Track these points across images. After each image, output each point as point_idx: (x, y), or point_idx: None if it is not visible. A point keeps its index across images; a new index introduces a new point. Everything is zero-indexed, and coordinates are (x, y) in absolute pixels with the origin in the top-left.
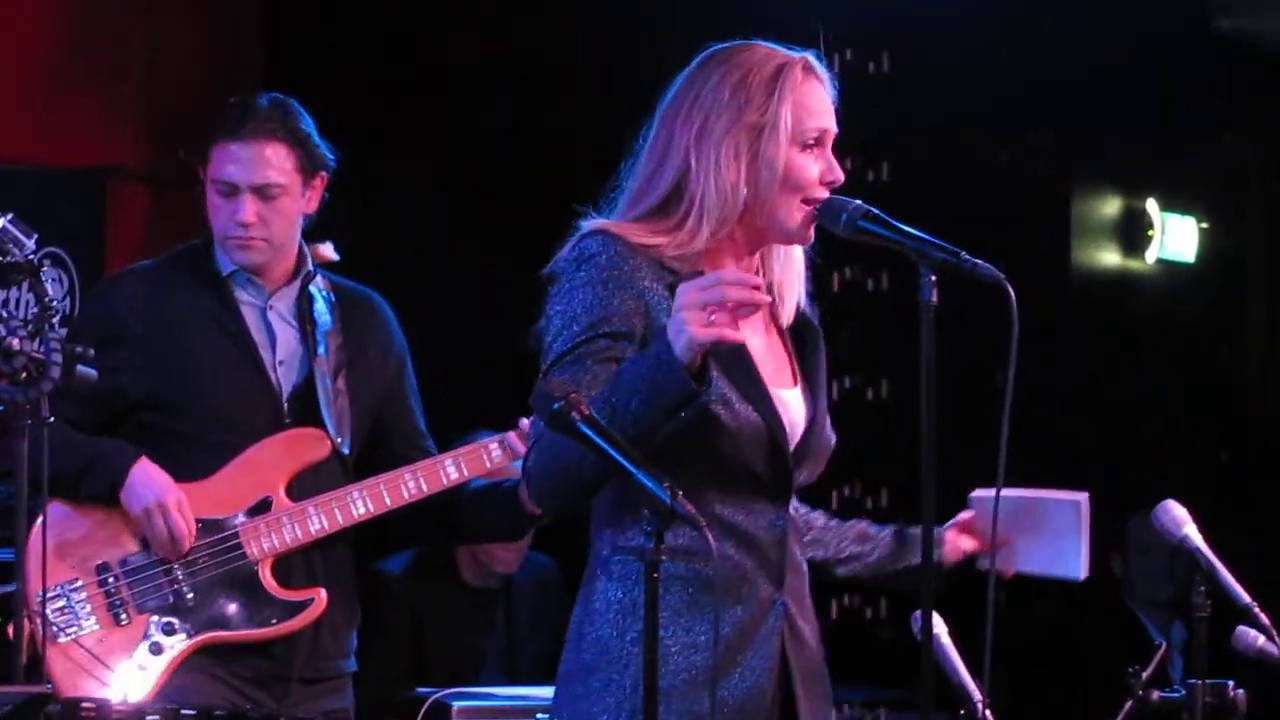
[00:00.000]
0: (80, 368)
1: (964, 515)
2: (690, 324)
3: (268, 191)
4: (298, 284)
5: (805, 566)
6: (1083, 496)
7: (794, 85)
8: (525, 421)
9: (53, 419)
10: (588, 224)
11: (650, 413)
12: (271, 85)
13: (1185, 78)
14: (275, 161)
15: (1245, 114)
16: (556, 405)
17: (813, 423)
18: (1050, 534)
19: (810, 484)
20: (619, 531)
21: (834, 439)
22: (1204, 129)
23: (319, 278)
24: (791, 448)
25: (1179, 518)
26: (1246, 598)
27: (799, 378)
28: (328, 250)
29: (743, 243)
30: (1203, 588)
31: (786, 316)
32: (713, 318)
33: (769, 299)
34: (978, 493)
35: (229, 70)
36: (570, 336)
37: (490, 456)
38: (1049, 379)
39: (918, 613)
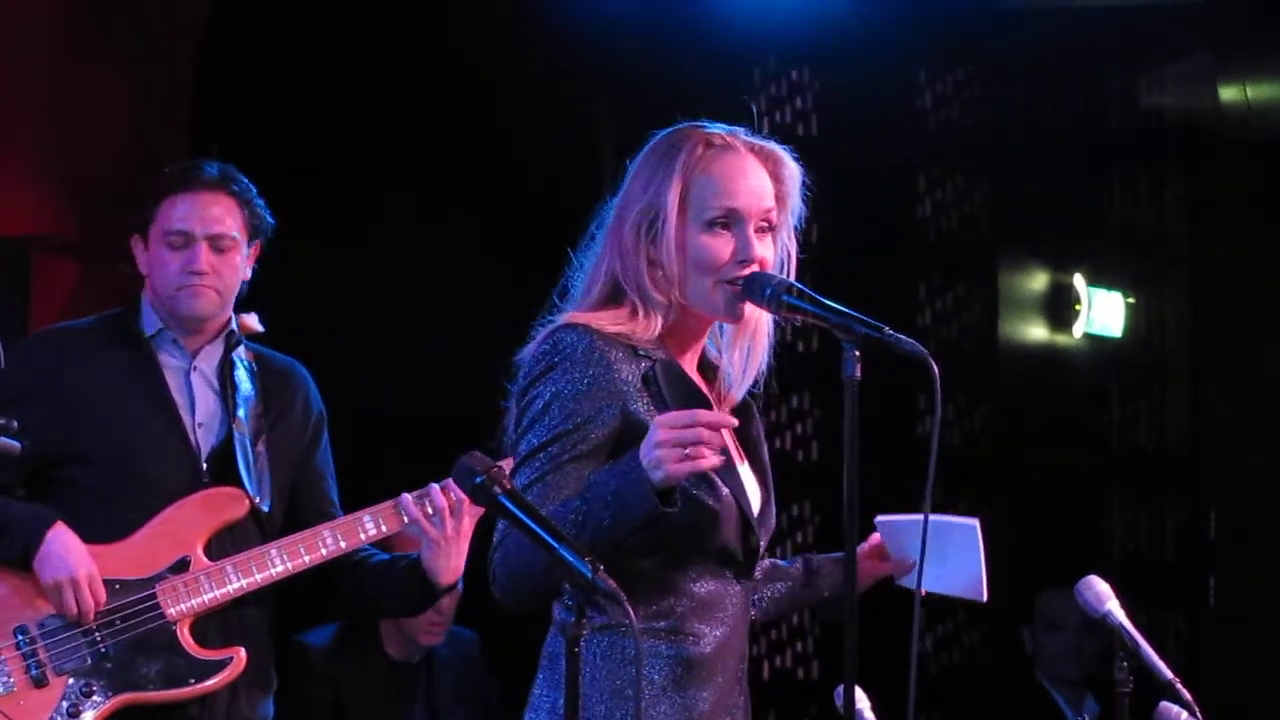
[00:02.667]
0: (2, 440)
1: (873, 539)
2: (666, 461)
3: (220, 243)
4: (221, 348)
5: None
6: (974, 521)
7: (688, 165)
8: (449, 483)
9: None
10: (561, 317)
11: (617, 529)
12: (200, 154)
13: (1112, 154)
14: (225, 213)
15: (1172, 190)
16: (479, 479)
17: (766, 498)
18: (951, 556)
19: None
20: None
21: (774, 520)
22: (1131, 205)
23: (242, 347)
24: (755, 522)
25: (1102, 593)
26: (1169, 673)
27: (743, 454)
28: (253, 321)
29: (694, 321)
30: (1125, 663)
31: (737, 395)
32: (687, 452)
33: (735, 421)
34: (881, 517)
35: (156, 141)
36: (546, 428)
37: (407, 511)
38: (974, 450)
39: (840, 687)
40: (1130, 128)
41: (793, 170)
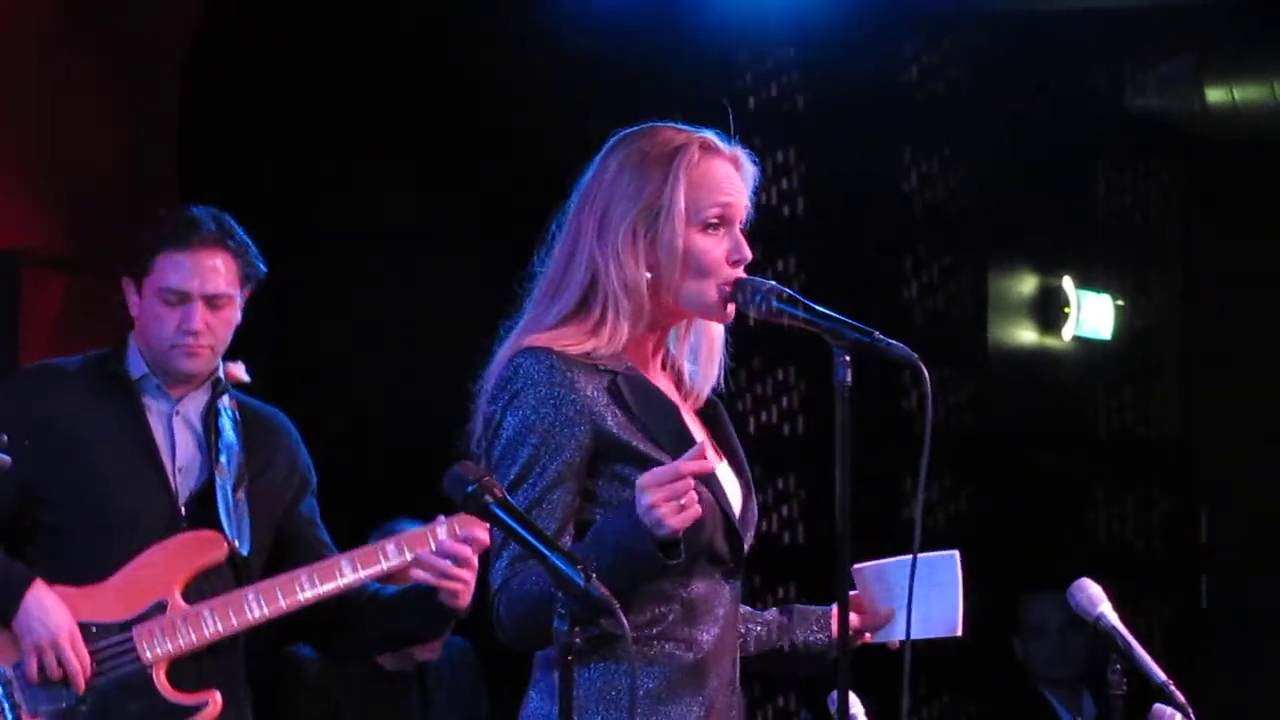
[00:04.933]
0: None
1: (850, 593)
2: (667, 518)
3: (216, 301)
4: (207, 394)
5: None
6: (954, 552)
7: (689, 165)
8: (441, 519)
9: None
10: (518, 339)
11: (621, 582)
12: (187, 171)
13: (1101, 157)
14: (223, 271)
15: (1160, 192)
16: (470, 488)
17: (746, 495)
18: (927, 595)
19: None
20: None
21: (756, 511)
22: (1119, 207)
23: (227, 396)
24: (737, 521)
25: (1094, 596)
26: (1162, 675)
27: (721, 452)
28: (239, 371)
29: (654, 324)
30: (1118, 666)
31: (699, 399)
32: (684, 502)
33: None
34: (858, 566)
35: (144, 154)
36: (518, 460)
37: (387, 557)
38: (965, 453)
39: (833, 694)
40: (1118, 130)
41: (751, 172)
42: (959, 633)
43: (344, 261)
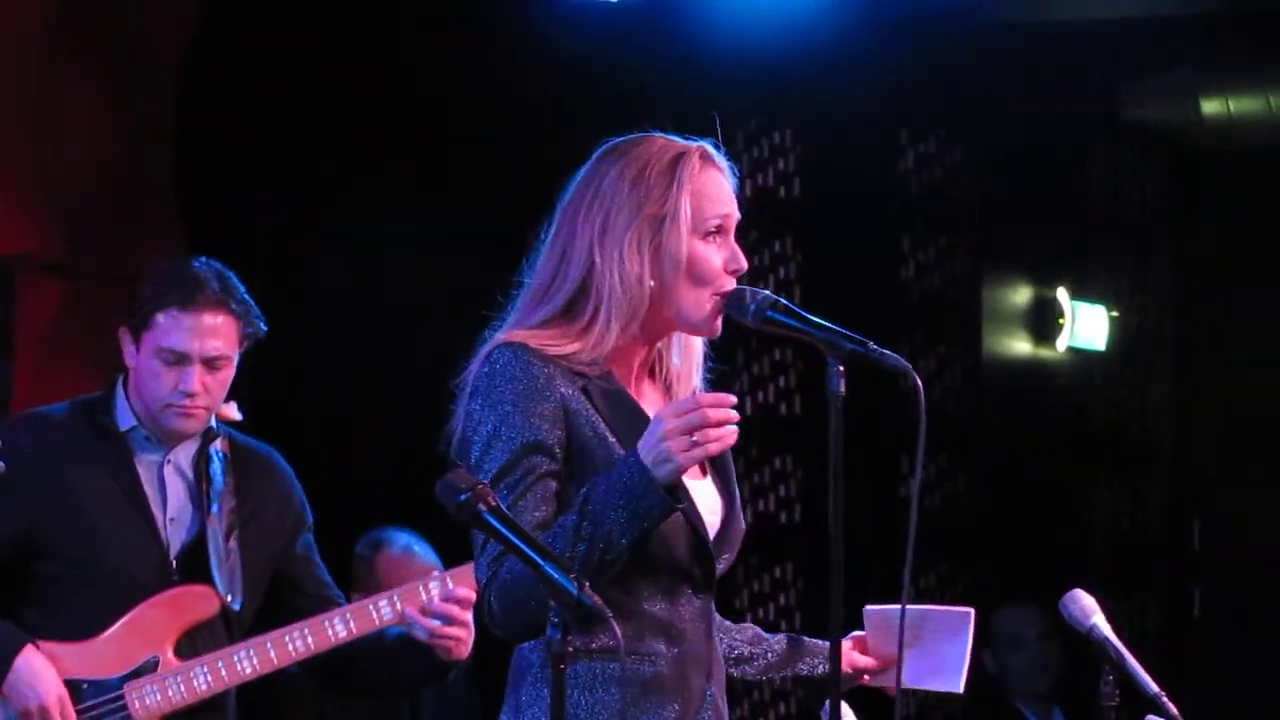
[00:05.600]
0: None
1: (859, 633)
2: (676, 451)
3: (216, 363)
4: (198, 442)
5: (722, 658)
6: (970, 610)
7: (692, 174)
8: (435, 574)
9: None
10: (497, 336)
11: (631, 531)
12: (183, 177)
13: (1096, 168)
14: (224, 333)
15: (1154, 203)
16: (463, 497)
17: (728, 513)
18: (936, 647)
19: (725, 573)
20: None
21: (744, 527)
22: (1114, 218)
23: (218, 440)
24: (711, 538)
25: (1087, 607)
26: (1154, 687)
27: (707, 469)
28: (231, 410)
29: (646, 336)
30: (1111, 677)
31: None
32: (696, 438)
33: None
34: (869, 609)
35: (140, 160)
36: (499, 455)
37: (380, 614)
38: (959, 466)
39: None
40: (1114, 141)
41: (734, 183)
42: (960, 690)
43: (340, 265)
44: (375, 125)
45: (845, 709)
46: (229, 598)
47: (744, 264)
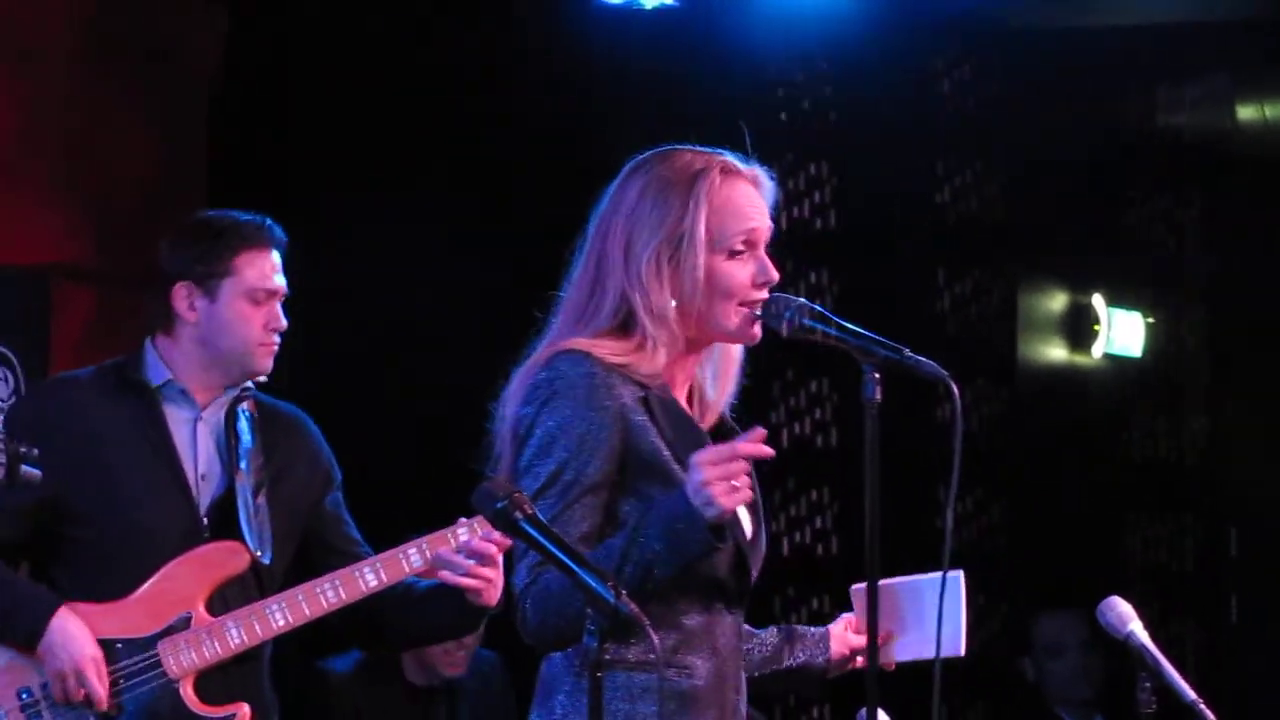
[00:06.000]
0: (25, 468)
1: (850, 614)
2: (718, 497)
3: (281, 298)
4: (229, 400)
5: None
6: (959, 573)
7: (710, 191)
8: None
9: None
10: (557, 342)
11: (671, 569)
12: (216, 186)
13: (1131, 173)
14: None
15: (1190, 209)
16: (500, 504)
17: (757, 530)
18: (930, 615)
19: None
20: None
21: (766, 549)
22: (1149, 224)
23: (248, 400)
24: (749, 554)
25: (1124, 614)
26: (1192, 694)
27: None
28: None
29: (690, 348)
30: (1148, 684)
31: (711, 418)
32: (735, 483)
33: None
34: (856, 587)
35: (174, 169)
36: (552, 460)
37: (409, 562)
38: (996, 495)
39: (863, 711)
40: (1149, 147)
41: (770, 188)
42: (961, 653)
43: (371, 272)
44: (408, 134)
45: (881, 715)
46: (259, 553)
47: (774, 276)
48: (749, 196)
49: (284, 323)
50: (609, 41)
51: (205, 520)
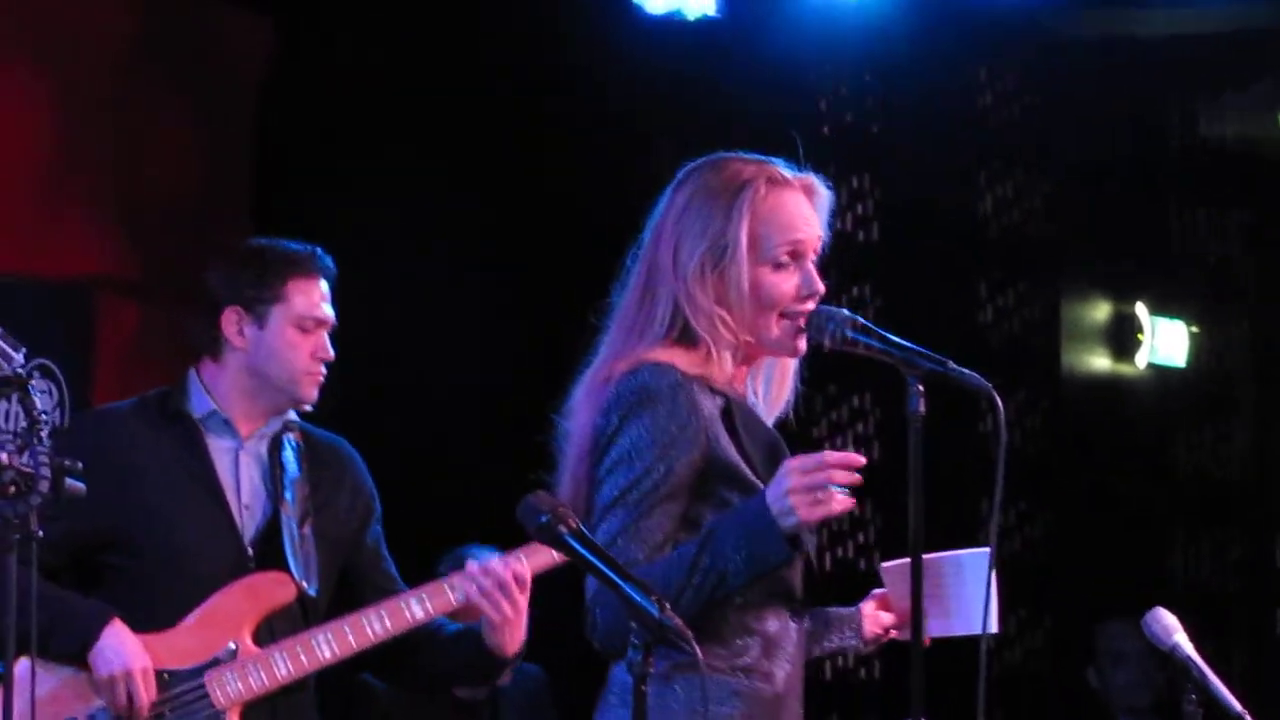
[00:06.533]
0: (69, 481)
1: (880, 590)
2: (800, 508)
3: (328, 328)
4: (273, 430)
5: None
6: (987, 549)
7: (755, 202)
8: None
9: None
10: (638, 355)
11: (748, 574)
12: (261, 200)
13: (1175, 183)
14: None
15: (1234, 218)
16: (543, 518)
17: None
18: (960, 591)
19: None
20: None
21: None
22: (1193, 233)
23: (293, 429)
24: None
25: (1169, 626)
26: (1238, 706)
27: None
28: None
29: (746, 359)
30: (1194, 697)
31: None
32: (820, 496)
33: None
34: (886, 565)
35: (218, 182)
36: (632, 470)
37: (454, 594)
38: (1038, 481)
39: None
40: (1192, 156)
41: (825, 197)
42: (994, 630)
43: (417, 287)
44: (454, 147)
45: None
46: (305, 583)
47: (819, 288)
48: (797, 206)
49: (331, 353)
50: (652, 52)
51: (250, 550)
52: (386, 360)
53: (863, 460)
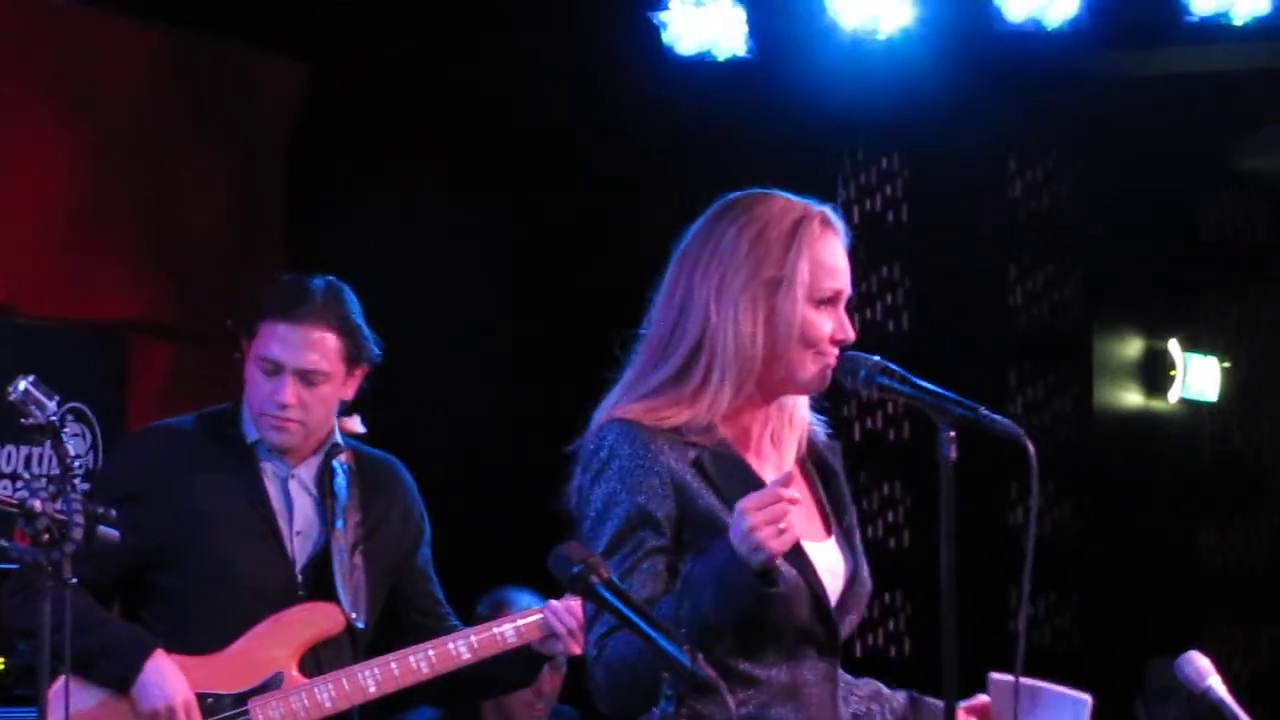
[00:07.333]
0: (101, 529)
1: (980, 698)
2: (767, 542)
3: (311, 377)
4: (321, 457)
5: None
6: (1088, 696)
7: (811, 239)
8: (554, 602)
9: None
10: (610, 411)
11: (724, 618)
12: (294, 242)
13: (1205, 218)
14: (323, 348)
15: (1265, 254)
16: (576, 569)
17: (853, 575)
18: None
19: (851, 634)
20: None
21: (871, 585)
22: (1225, 269)
23: (343, 452)
24: (834, 601)
25: (1202, 669)
26: None
27: (831, 528)
28: (354, 424)
29: (763, 397)
30: None
31: (797, 454)
32: (782, 525)
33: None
34: (995, 675)
35: (252, 224)
36: (607, 531)
37: (505, 641)
38: (1072, 519)
39: None
40: (1224, 191)
41: (846, 243)
42: None
43: (452, 323)
44: (485, 186)
45: None
46: (353, 615)
47: (851, 335)
48: (839, 252)
49: (284, 397)
50: (682, 92)
51: (300, 578)
52: (416, 389)
53: (797, 498)
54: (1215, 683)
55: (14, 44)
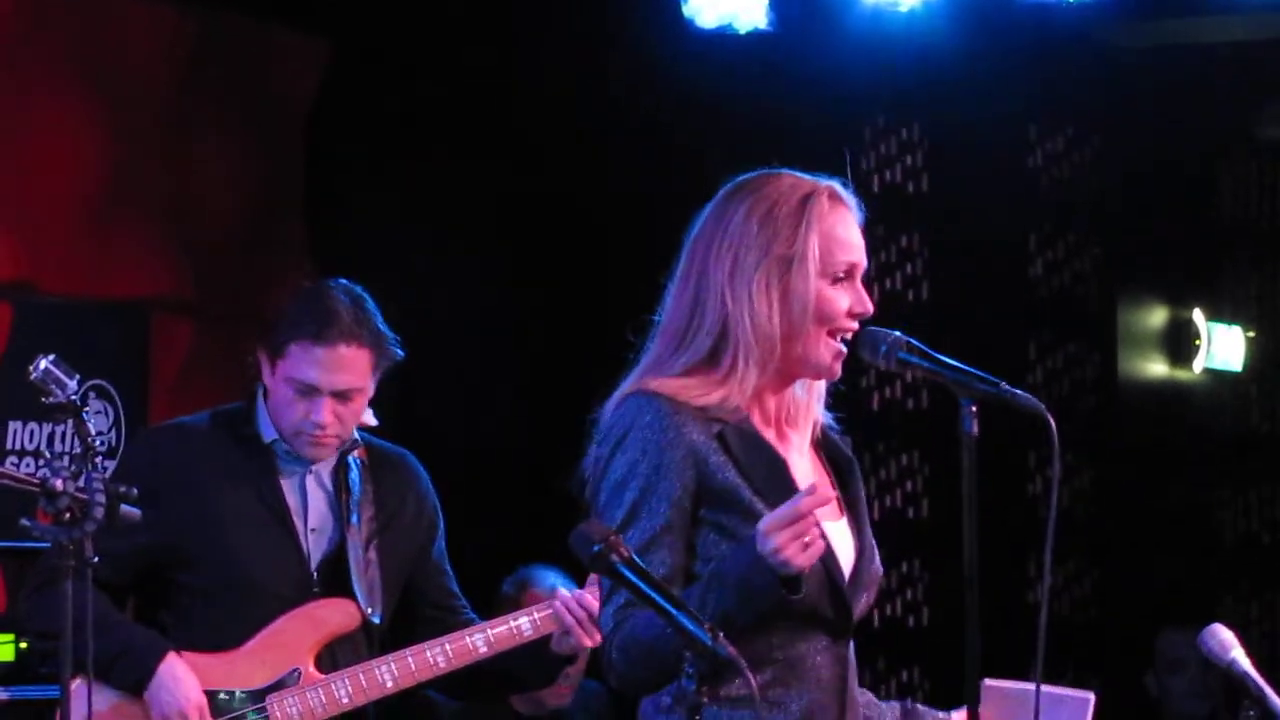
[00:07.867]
0: (124, 507)
1: (960, 714)
2: (793, 559)
3: (347, 395)
4: (337, 454)
5: (860, 710)
6: (1090, 695)
7: (821, 215)
8: (563, 592)
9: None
10: (630, 382)
11: (746, 619)
12: (313, 219)
13: (1226, 189)
14: (356, 367)
15: None
16: (596, 548)
17: (860, 556)
18: None
19: (863, 616)
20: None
21: (881, 570)
22: (1250, 238)
23: (357, 447)
24: (845, 582)
25: (1226, 641)
26: None
27: (843, 509)
28: (367, 416)
29: (782, 378)
30: (1252, 712)
31: (812, 438)
32: (808, 540)
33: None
34: (989, 682)
35: (271, 201)
36: (624, 503)
37: (520, 634)
38: (1095, 490)
39: None
40: (1247, 161)
41: (860, 218)
42: None
43: (470, 306)
44: (504, 168)
45: None
46: (369, 610)
47: (869, 308)
48: (852, 226)
49: (323, 418)
50: (703, 65)
51: (315, 575)
52: (432, 380)
53: (824, 484)
54: (1239, 655)
55: (35, 23)
